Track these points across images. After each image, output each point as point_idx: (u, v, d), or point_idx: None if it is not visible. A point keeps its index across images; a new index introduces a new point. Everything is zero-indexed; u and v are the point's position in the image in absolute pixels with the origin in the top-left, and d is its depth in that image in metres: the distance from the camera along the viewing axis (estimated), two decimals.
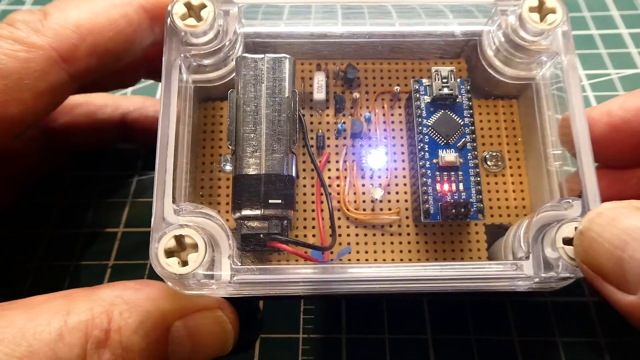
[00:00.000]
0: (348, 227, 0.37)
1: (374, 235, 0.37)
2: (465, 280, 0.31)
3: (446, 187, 0.35)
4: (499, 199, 0.38)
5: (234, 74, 0.35)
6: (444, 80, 0.36)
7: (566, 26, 0.34)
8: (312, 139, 0.38)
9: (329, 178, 0.38)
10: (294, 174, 0.32)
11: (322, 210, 0.37)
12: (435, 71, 0.36)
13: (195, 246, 0.29)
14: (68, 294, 0.30)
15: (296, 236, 0.36)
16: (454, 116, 0.36)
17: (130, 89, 0.53)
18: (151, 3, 0.35)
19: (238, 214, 0.32)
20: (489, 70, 0.37)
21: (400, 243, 0.37)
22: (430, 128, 0.36)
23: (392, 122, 0.39)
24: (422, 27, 0.38)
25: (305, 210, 0.37)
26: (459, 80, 0.36)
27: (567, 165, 0.34)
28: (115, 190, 0.47)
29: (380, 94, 0.40)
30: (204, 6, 0.33)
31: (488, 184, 0.38)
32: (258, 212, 0.31)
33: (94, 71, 0.35)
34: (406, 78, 0.40)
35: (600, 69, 0.55)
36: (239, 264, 0.31)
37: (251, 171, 0.32)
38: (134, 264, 0.43)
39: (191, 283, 0.30)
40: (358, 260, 0.36)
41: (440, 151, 0.35)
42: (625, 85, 0.54)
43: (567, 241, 0.29)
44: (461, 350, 0.39)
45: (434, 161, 0.35)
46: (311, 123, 0.39)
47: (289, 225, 0.32)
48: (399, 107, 0.39)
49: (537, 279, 0.31)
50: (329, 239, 0.36)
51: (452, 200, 0.34)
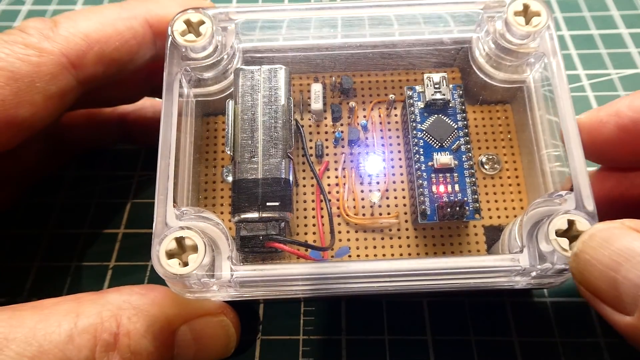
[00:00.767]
0: (348, 231, 0.38)
1: (373, 239, 0.38)
2: (463, 273, 0.31)
3: (442, 188, 0.35)
4: (496, 201, 0.39)
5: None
6: (436, 86, 0.37)
7: (551, 28, 0.35)
8: (311, 148, 0.39)
9: (329, 185, 0.39)
10: (290, 177, 0.33)
11: (322, 217, 0.38)
12: (427, 77, 0.37)
13: (195, 248, 0.30)
14: (77, 298, 0.31)
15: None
16: (447, 120, 0.37)
17: None
18: (155, 18, 0.37)
19: (237, 217, 0.32)
20: (481, 75, 0.38)
21: (400, 246, 0.37)
22: (424, 132, 0.37)
23: (389, 130, 0.40)
24: (413, 37, 0.39)
25: (305, 217, 0.38)
26: (451, 85, 0.38)
27: (562, 166, 0.34)
28: (115, 190, 0.47)
29: (376, 102, 0.41)
30: (202, 23, 0.35)
31: (485, 186, 0.39)
32: (256, 214, 0.32)
33: (100, 79, 0.36)
34: (401, 87, 0.41)
35: (600, 69, 0.55)
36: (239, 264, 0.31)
37: (249, 175, 0.33)
38: (135, 265, 0.43)
39: (192, 283, 0.30)
40: None
41: (435, 154, 0.36)
42: (625, 85, 0.53)
43: (560, 233, 0.30)
44: (461, 351, 0.38)
45: (429, 164, 0.36)
46: (310, 133, 0.40)
47: (287, 226, 0.33)
48: (395, 115, 0.40)
49: (533, 273, 0.31)
50: (328, 241, 0.36)
51: (447, 200, 0.35)
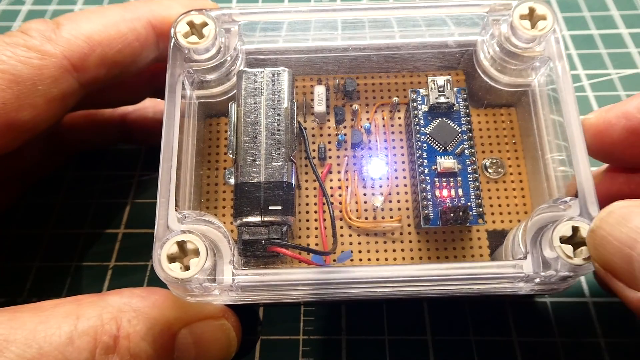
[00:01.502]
0: (350, 235, 0.38)
1: (375, 242, 0.37)
2: (466, 280, 0.31)
3: (445, 192, 0.35)
4: (500, 205, 0.38)
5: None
6: (440, 89, 0.37)
7: (557, 32, 0.35)
8: (314, 150, 0.39)
9: (331, 188, 0.39)
10: (293, 181, 0.33)
11: (324, 220, 0.38)
12: (432, 80, 0.37)
13: (197, 252, 0.30)
14: (77, 300, 0.31)
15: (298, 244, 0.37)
16: (451, 124, 0.37)
17: None
18: (158, 20, 0.37)
19: (239, 221, 0.32)
20: (486, 78, 0.38)
21: (403, 250, 0.37)
22: (428, 136, 0.36)
23: (392, 133, 0.40)
24: (417, 39, 0.39)
25: (308, 220, 0.38)
26: (455, 89, 0.37)
27: (567, 171, 0.34)
28: (115, 190, 0.47)
29: (379, 105, 0.41)
30: (205, 24, 0.35)
31: (489, 190, 0.39)
32: (258, 218, 0.32)
33: (102, 81, 0.36)
34: (405, 90, 0.41)
35: (600, 69, 0.55)
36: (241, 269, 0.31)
37: (251, 179, 0.33)
38: (135, 265, 0.43)
39: (193, 287, 0.30)
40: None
41: (438, 158, 0.36)
42: (625, 85, 0.53)
43: (564, 240, 0.30)
44: (461, 351, 0.39)
45: (433, 167, 0.36)
46: (313, 135, 0.40)
47: (289, 230, 0.33)
48: (399, 118, 0.40)
49: (537, 279, 0.31)
50: (330, 245, 0.36)
51: (451, 205, 0.35)
